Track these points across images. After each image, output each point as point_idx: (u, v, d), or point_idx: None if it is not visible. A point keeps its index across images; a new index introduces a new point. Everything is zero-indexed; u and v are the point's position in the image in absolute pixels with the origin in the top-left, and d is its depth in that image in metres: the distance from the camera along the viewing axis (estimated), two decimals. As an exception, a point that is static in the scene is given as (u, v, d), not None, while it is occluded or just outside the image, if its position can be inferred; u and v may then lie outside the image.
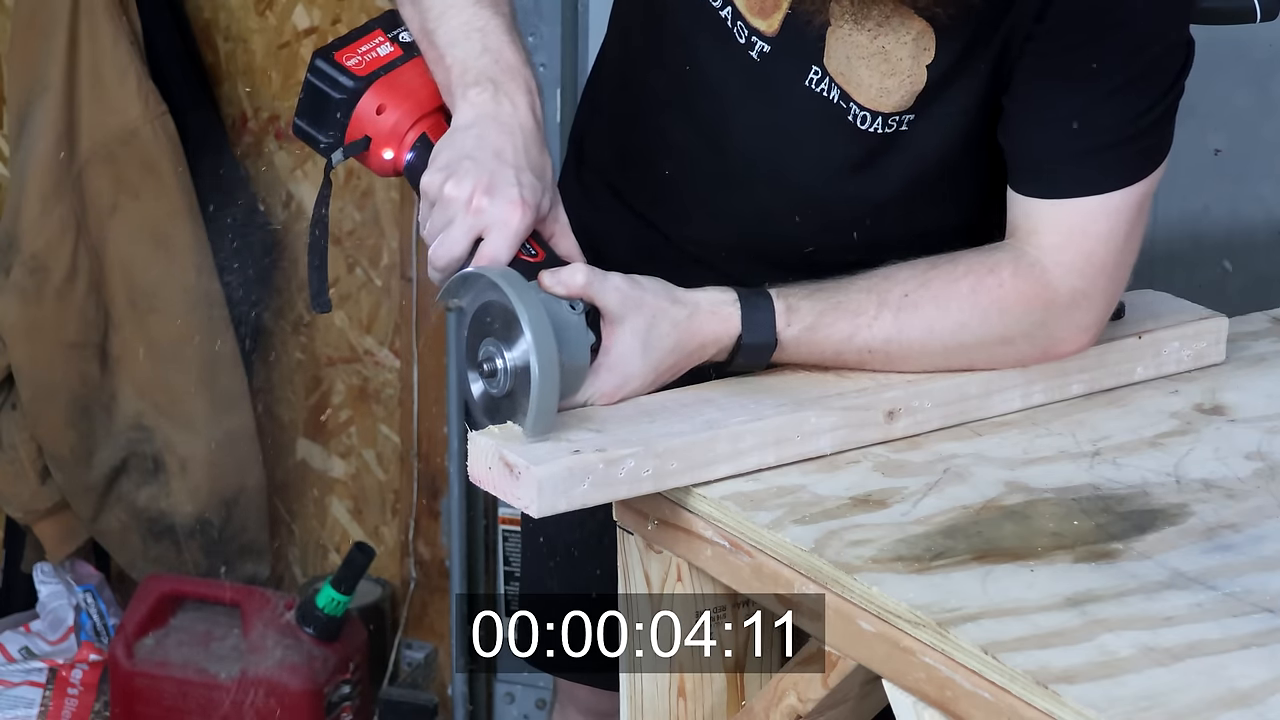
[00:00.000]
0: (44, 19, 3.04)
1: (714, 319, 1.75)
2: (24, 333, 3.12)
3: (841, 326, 1.77)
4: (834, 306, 1.77)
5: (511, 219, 1.68)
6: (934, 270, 1.78)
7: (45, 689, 3.17)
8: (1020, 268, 1.78)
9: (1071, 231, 1.78)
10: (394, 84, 1.82)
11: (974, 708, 1.45)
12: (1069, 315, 1.80)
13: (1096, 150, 1.77)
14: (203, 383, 3.15)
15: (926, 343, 1.78)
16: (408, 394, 3.18)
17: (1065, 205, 1.77)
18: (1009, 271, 1.78)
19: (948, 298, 1.77)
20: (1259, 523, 1.64)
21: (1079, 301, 1.80)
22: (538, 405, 1.62)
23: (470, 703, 3.22)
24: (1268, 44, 2.71)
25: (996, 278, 1.78)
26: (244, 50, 3.18)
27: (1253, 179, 2.81)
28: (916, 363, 1.79)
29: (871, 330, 1.77)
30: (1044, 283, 1.78)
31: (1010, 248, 1.80)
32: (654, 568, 1.74)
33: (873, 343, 1.77)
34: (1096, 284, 1.80)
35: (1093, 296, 1.80)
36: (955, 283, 1.78)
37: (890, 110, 1.80)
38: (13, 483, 3.22)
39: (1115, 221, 1.78)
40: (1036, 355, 1.82)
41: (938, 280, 1.78)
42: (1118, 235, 1.78)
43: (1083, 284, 1.79)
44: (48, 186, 3.07)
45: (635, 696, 1.78)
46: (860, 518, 1.63)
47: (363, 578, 3.08)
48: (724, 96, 1.84)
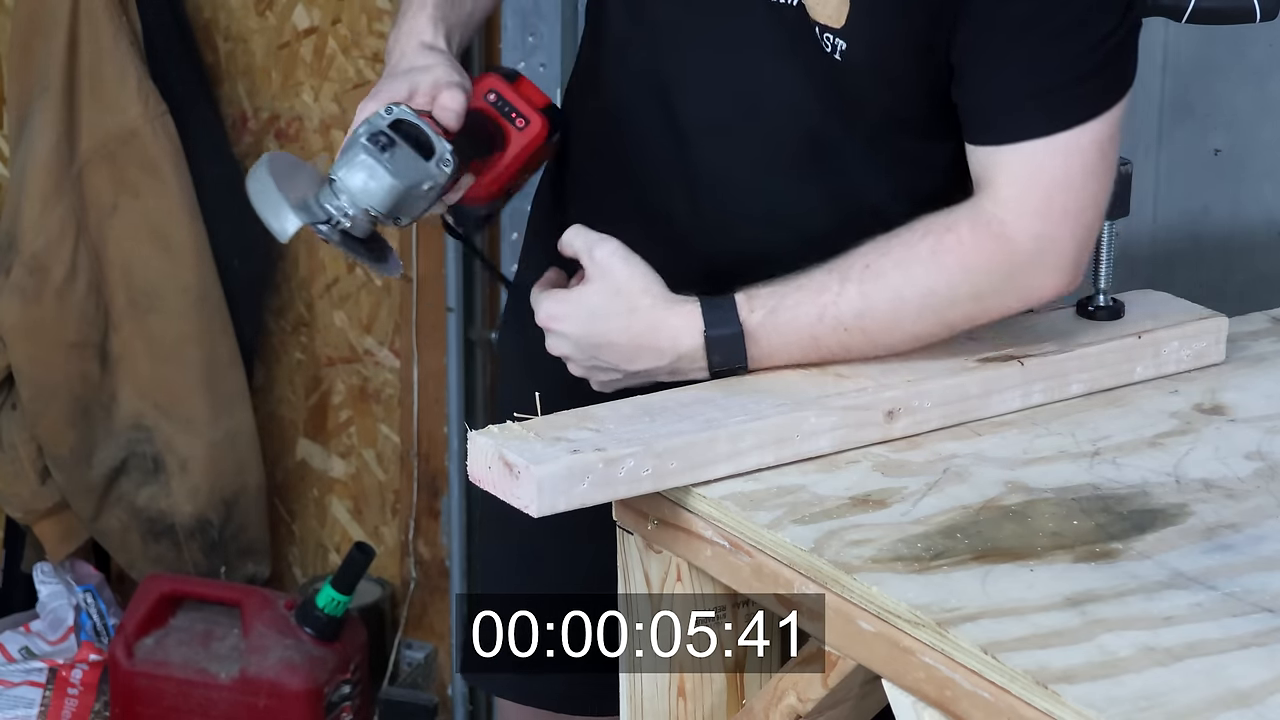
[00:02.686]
0: (44, 19, 3.04)
1: (676, 315, 1.78)
2: (24, 333, 3.12)
3: (807, 307, 1.77)
4: (795, 289, 1.78)
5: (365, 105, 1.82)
6: (893, 239, 1.78)
7: (45, 689, 3.17)
8: (978, 223, 1.77)
9: (1024, 178, 1.76)
10: None
11: (974, 708, 1.45)
12: (1036, 261, 1.78)
13: (1041, 92, 1.75)
14: (203, 383, 3.15)
15: (898, 310, 1.77)
16: (408, 394, 3.18)
17: (1015, 151, 1.76)
18: (966, 228, 1.77)
19: (910, 262, 1.77)
20: (1259, 523, 1.64)
21: (1044, 246, 1.77)
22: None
23: (470, 703, 3.22)
24: (1268, 44, 2.71)
25: (955, 235, 1.77)
26: (244, 50, 3.18)
27: (1253, 179, 2.81)
28: (896, 334, 1.79)
29: (839, 306, 1.77)
30: (1003, 234, 1.76)
31: (968, 205, 1.79)
32: (654, 568, 1.74)
33: (844, 319, 1.77)
34: (1061, 227, 1.77)
35: (1059, 240, 1.77)
36: (914, 246, 1.77)
37: (825, 21, 1.79)
38: (13, 483, 3.22)
39: (1070, 162, 1.76)
40: (1015, 306, 1.81)
41: (898, 247, 1.78)
42: (1074, 175, 1.76)
43: (1045, 228, 1.77)
44: (48, 186, 3.07)
45: (635, 696, 1.78)
46: (860, 518, 1.63)
47: (363, 578, 3.08)
48: (679, 39, 1.88)
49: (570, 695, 2.06)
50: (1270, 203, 2.81)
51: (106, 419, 3.16)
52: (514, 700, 2.15)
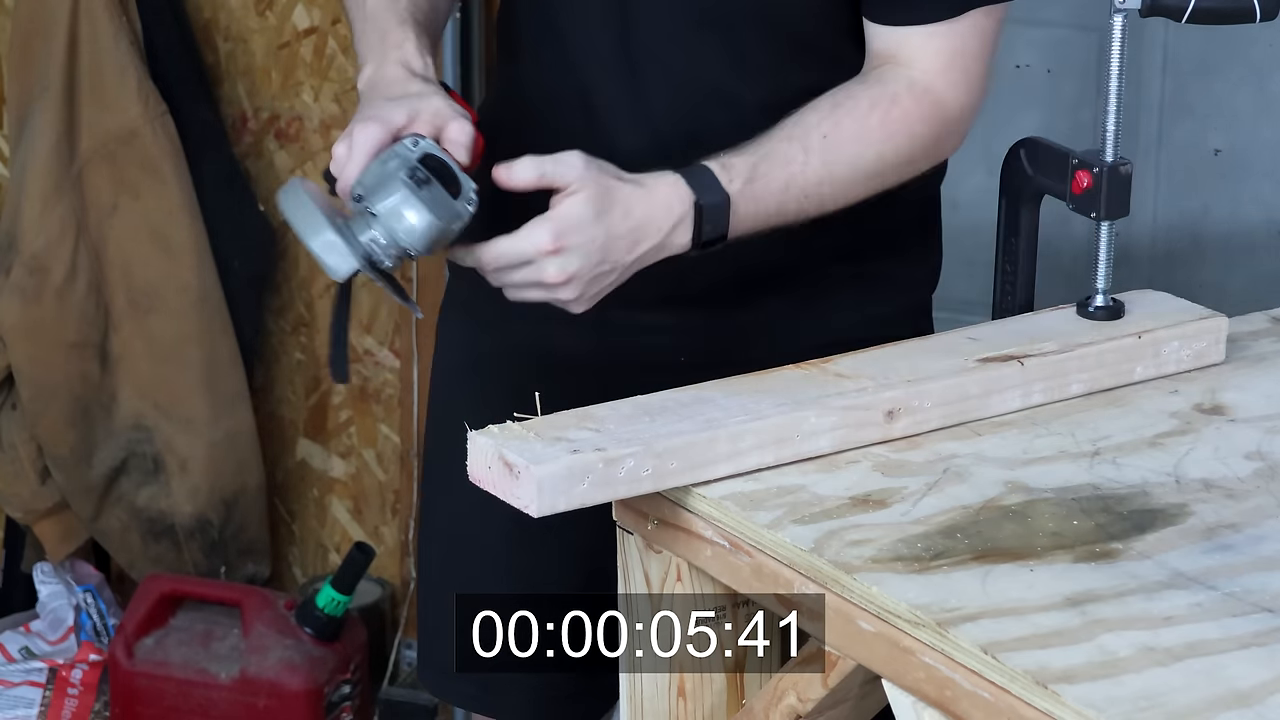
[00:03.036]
0: (44, 19, 3.04)
1: (664, 187, 1.79)
2: (24, 333, 3.12)
3: (777, 175, 1.84)
4: (764, 158, 1.83)
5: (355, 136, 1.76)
6: (839, 109, 1.88)
7: (45, 689, 3.17)
8: (916, 94, 1.89)
9: (953, 53, 1.90)
10: None
11: (974, 708, 1.45)
12: (958, 128, 1.94)
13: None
14: (203, 383, 3.15)
15: (853, 177, 1.88)
16: (408, 394, 3.19)
17: (941, 28, 1.89)
18: (909, 100, 1.89)
19: (863, 133, 1.87)
20: (1259, 523, 1.64)
21: (965, 114, 1.93)
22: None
23: (470, 703, 3.22)
24: (1268, 44, 2.72)
25: (900, 108, 1.88)
26: (244, 50, 3.19)
27: (1253, 179, 2.81)
28: (844, 197, 1.88)
29: (805, 175, 1.85)
30: (938, 103, 1.90)
31: (899, 77, 1.90)
32: (654, 568, 1.74)
33: (807, 187, 1.85)
34: (976, 96, 1.93)
35: (974, 106, 1.93)
36: (865, 118, 1.87)
37: None
38: (13, 483, 3.22)
39: (984, 39, 1.91)
40: (927, 166, 1.94)
41: (847, 118, 1.87)
42: (987, 50, 1.92)
43: (968, 98, 1.92)
44: (48, 186, 3.07)
45: (635, 696, 1.78)
46: (860, 518, 1.63)
47: (363, 578, 3.08)
48: None
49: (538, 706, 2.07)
50: (1270, 203, 2.81)
51: (106, 419, 3.16)
52: (480, 712, 2.16)
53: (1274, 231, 2.81)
